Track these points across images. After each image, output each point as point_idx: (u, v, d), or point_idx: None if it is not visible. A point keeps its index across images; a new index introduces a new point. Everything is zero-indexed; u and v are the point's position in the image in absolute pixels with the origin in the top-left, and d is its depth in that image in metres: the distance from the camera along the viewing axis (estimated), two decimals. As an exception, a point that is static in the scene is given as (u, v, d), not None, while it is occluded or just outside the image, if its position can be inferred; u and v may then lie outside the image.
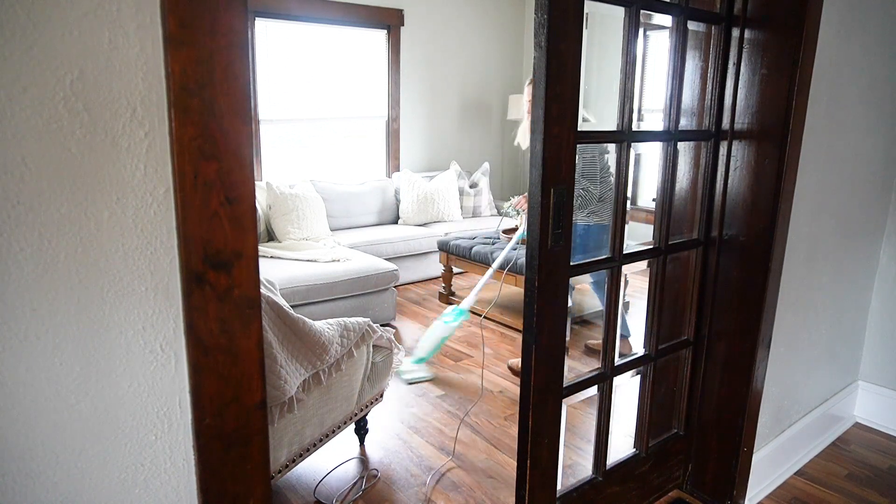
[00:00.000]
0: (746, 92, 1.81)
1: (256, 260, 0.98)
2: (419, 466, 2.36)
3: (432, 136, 5.63)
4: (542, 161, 1.43)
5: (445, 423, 2.68)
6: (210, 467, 1.00)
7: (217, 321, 0.95)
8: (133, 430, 0.94)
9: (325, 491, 2.20)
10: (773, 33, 1.74)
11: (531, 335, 1.56)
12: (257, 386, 1.02)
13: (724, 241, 1.94)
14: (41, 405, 0.85)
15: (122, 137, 0.85)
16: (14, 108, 0.77)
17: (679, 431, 2.13)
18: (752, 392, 1.97)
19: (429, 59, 5.43)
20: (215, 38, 0.87)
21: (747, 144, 1.84)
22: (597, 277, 3.30)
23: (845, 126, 2.08)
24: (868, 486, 2.28)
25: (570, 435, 2.57)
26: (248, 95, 0.92)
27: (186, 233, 0.90)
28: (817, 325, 2.29)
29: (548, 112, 1.41)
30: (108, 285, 0.87)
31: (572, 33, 1.41)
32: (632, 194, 5.43)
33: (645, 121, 5.23)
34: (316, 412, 2.03)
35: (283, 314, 1.86)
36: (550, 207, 1.46)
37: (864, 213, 2.37)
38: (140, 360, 0.92)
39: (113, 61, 0.82)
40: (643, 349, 1.95)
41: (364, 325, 2.20)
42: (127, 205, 0.87)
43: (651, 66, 5.30)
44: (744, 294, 1.92)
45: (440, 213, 5.10)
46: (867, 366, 2.69)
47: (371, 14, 4.93)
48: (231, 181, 0.92)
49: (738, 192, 1.88)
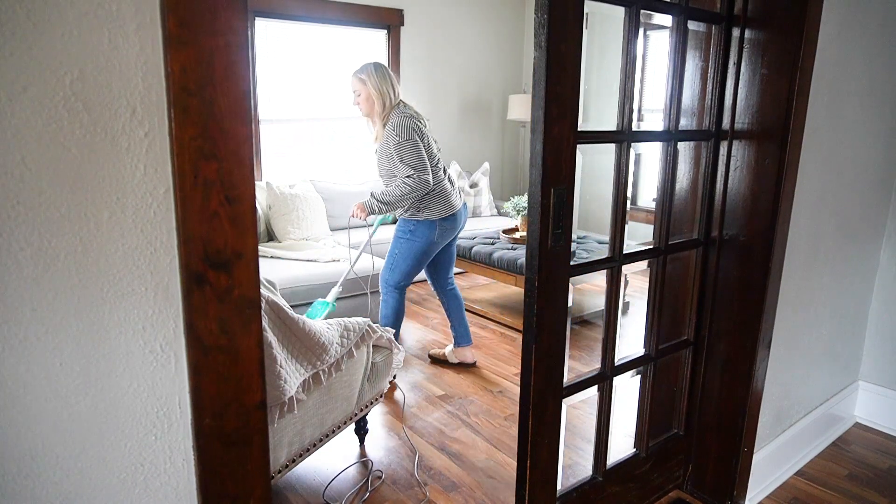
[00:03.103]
0: (746, 92, 1.81)
1: (256, 260, 0.98)
2: (419, 466, 2.36)
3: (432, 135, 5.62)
4: (542, 161, 1.43)
5: (445, 423, 2.68)
6: (210, 467, 1.00)
7: (217, 321, 0.95)
8: (133, 430, 0.93)
9: (331, 493, 2.20)
10: (774, 33, 1.74)
11: (531, 335, 1.56)
12: (257, 386, 1.02)
13: (725, 241, 1.94)
14: (41, 405, 0.85)
15: (122, 137, 0.85)
16: (14, 108, 0.76)
17: (679, 431, 2.13)
18: (752, 392, 1.97)
19: (429, 59, 5.43)
20: (215, 38, 0.87)
21: (747, 144, 1.84)
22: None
23: (845, 126, 2.08)
24: (868, 486, 2.28)
25: (570, 435, 2.57)
26: (248, 95, 0.92)
27: (186, 233, 0.90)
28: (817, 325, 2.29)
29: (548, 112, 1.41)
30: (108, 285, 0.87)
31: (572, 33, 1.41)
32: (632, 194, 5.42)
33: (645, 121, 5.23)
34: (316, 412, 2.03)
35: (283, 314, 1.85)
36: (550, 207, 1.46)
37: (864, 213, 2.37)
38: (140, 360, 0.92)
39: (113, 61, 0.82)
40: (643, 349, 1.95)
41: (364, 326, 2.20)
42: (127, 205, 0.87)
43: (651, 66, 5.30)
44: (744, 294, 1.92)
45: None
46: (867, 366, 2.69)
47: (371, 14, 4.93)
48: (231, 181, 0.92)
49: (738, 192, 1.88)
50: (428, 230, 2.95)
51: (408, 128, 2.81)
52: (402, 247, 3.00)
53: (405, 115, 2.86)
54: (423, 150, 2.84)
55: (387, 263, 3.07)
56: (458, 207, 3.02)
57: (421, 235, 2.96)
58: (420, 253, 2.99)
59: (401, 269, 3.02)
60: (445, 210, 2.95)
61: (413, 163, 2.80)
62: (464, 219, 3.11)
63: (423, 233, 2.96)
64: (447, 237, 3.04)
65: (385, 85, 2.91)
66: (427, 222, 2.94)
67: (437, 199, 2.93)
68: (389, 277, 3.05)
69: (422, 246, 2.98)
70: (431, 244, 2.99)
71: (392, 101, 2.92)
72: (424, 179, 2.81)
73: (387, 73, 2.94)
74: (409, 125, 2.82)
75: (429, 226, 2.95)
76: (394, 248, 3.03)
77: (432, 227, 2.95)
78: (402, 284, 3.06)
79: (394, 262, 3.03)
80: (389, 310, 3.08)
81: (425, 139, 2.89)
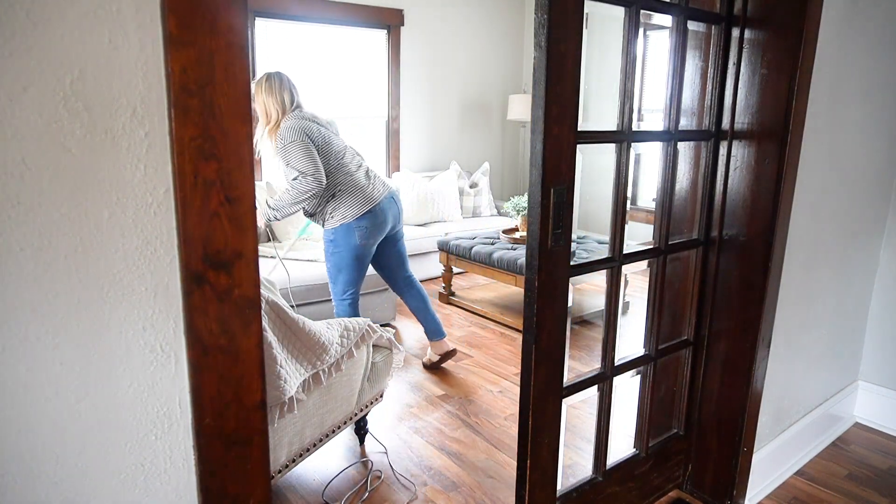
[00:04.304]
0: (746, 92, 1.82)
1: (256, 260, 0.98)
2: (419, 466, 2.36)
3: (432, 136, 5.63)
4: (542, 161, 1.43)
5: (445, 423, 2.68)
6: (210, 467, 1.00)
7: (217, 321, 0.95)
8: (133, 429, 0.94)
9: (330, 493, 2.20)
10: (773, 33, 1.74)
11: (531, 335, 1.56)
12: (257, 386, 1.02)
13: (724, 241, 1.94)
14: (41, 405, 0.85)
15: (122, 137, 0.85)
16: (14, 108, 0.77)
17: (679, 431, 2.13)
18: (752, 392, 1.97)
19: (429, 59, 5.43)
20: (215, 38, 0.87)
21: (747, 144, 1.84)
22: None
23: (845, 126, 2.08)
24: (868, 486, 2.28)
25: (570, 435, 2.57)
26: (248, 95, 0.92)
27: (186, 233, 0.90)
28: (817, 324, 2.29)
29: (548, 112, 1.41)
30: (108, 285, 0.87)
31: (572, 33, 1.41)
32: (632, 194, 5.43)
33: (645, 121, 5.23)
34: (316, 412, 2.03)
35: (283, 314, 1.86)
36: (550, 207, 1.46)
37: (864, 213, 2.37)
38: (140, 360, 0.92)
39: (113, 61, 0.82)
40: (643, 349, 1.95)
41: (364, 326, 2.20)
42: (127, 205, 0.87)
43: (651, 66, 5.30)
44: (744, 294, 1.92)
45: (440, 213, 5.10)
46: (867, 366, 2.69)
47: (371, 14, 4.93)
48: (231, 181, 0.92)
49: (738, 192, 1.88)
50: (346, 235, 2.80)
51: (293, 129, 2.67)
52: (331, 259, 2.89)
53: (295, 118, 2.72)
54: (313, 150, 2.68)
55: (329, 278, 2.97)
56: (377, 201, 2.82)
57: (342, 243, 2.83)
58: (350, 260, 2.86)
59: (341, 281, 2.91)
60: (357, 208, 2.78)
61: (299, 165, 2.65)
62: (392, 212, 2.90)
63: (342, 240, 2.82)
64: (375, 236, 2.88)
65: (271, 98, 2.74)
66: (343, 227, 2.79)
67: (344, 199, 2.78)
68: (333, 290, 2.96)
69: (347, 253, 2.84)
70: (356, 248, 2.83)
71: (280, 113, 2.76)
72: (315, 180, 2.65)
73: (277, 83, 2.76)
74: (295, 126, 2.68)
75: (346, 230, 2.80)
76: (326, 262, 2.93)
77: (349, 230, 2.79)
78: (348, 294, 2.94)
79: (331, 276, 2.94)
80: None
81: (320, 138, 2.73)
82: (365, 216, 2.80)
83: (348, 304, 2.95)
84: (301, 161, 2.65)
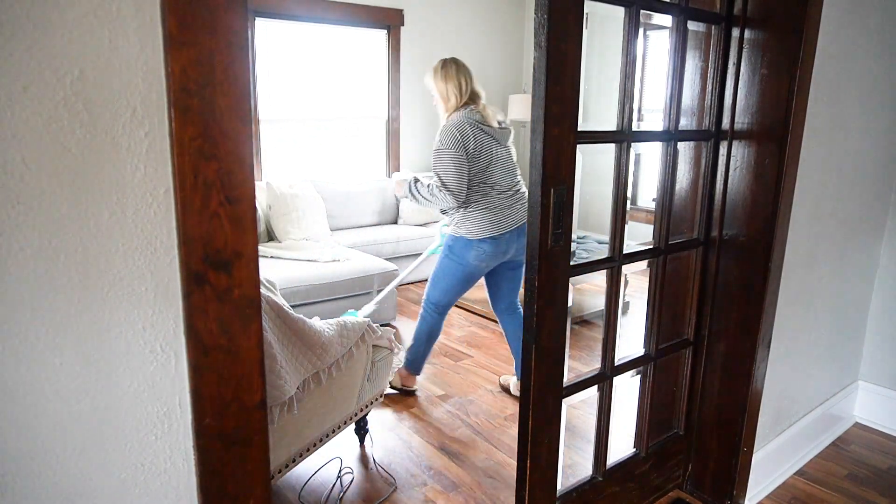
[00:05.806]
0: (746, 92, 1.82)
1: (256, 260, 0.98)
2: (419, 466, 2.36)
3: (432, 136, 5.60)
4: (542, 161, 1.43)
5: (445, 423, 2.68)
6: (210, 467, 1.00)
7: (217, 321, 0.95)
8: (133, 430, 0.93)
9: (330, 493, 2.20)
10: (773, 33, 1.74)
11: (531, 335, 1.56)
12: (257, 386, 1.02)
13: (724, 241, 1.94)
14: (41, 405, 0.85)
15: (122, 137, 0.85)
16: (14, 107, 0.76)
17: (679, 431, 2.13)
18: (752, 392, 1.97)
19: (429, 59, 5.39)
20: (215, 38, 0.87)
21: (747, 144, 1.84)
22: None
23: (845, 126, 2.08)
24: (868, 486, 2.28)
25: (570, 435, 2.57)
26: (248, 95, 0.92)
27: (186, 233, 0.90)
28: (817, 324, 2.29)
29: (548, 112, 1.41)
30: (108, 285, 0.87)
31: (572, 33, 1.41)
32: (632, 194, 5.43)
33: (645, 121, 5.23)
34: (316, 412, 2.03)
35: (283, 314, 1.86)
36: (550, 207, 1.47)
37: (864, 213, 2.37)
38: (140, 360, 0.92)
39: (113, 61, 0.82)
40: (643, 349, 1.95)
41: (364, 325, 2.20)
42: (127, 205, 0.87)
43: (651, 66, 5.30)
44: (744, 294, 1.92)
45: (440, 213, 5.09)
46: (867, 366, 2.70)
47: (371, 14, 4.93)
48: (231, 181, 0.92)
49: (738, 192, 1.88)
50: (464, 249, 2.65)
51: (452, 133, 2.53)
52: (442, 262, 2.76)
53: (462, 116, 2.59)
54: (465, 166, 2.54)
55: (430, 278, 2.83)
56: (504, 231, 2.63)
57: (458, 253, 2.67)
58: (459, 273, 2.70)
59: (440, 287, 2.78)
60: (483, 230, 2.61)
61: (444, 177, 2.54)
62: (516, 244, 2.71)
63: (459, 251, 2.67)
64: (491, 262, 2.69)
65: (450, 83, 2.64)
66: (464, 240, 2.64)
67: (474, 215, 2.62)
68: (430, 294, 2.82)
69: (458, 266, 2.69)
70: (468, 265, 2.67)
71: (457, 98, 2.64)
72: (453, 198, 2.55)
73: (453, 67, 2.68)
74: (455, 132, 2.53)
75: (465, 244, 2.64)
76: (438, 263, 2.79)
77: (469, 246, 2.63)
78: (441, 304, 2.80)
79: (434, 278, 2.80)
80: (424, 326, 2.86)
81: (475, 147, 2.57)
82: (487, 240, 2.64)
83: (438, 313, 2.83)
84: (447, 174, 2.55)
